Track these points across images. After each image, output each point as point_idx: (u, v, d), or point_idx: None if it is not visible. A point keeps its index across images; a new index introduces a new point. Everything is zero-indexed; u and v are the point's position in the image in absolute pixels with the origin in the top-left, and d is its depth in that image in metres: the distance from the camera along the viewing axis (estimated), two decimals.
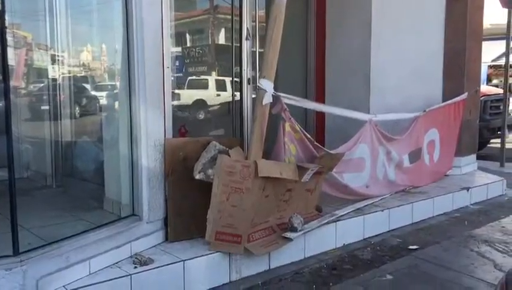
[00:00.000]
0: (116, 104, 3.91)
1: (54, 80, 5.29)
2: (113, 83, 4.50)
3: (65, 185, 4.83)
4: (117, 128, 3.68)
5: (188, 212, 3.57)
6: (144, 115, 3.40)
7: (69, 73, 5.54)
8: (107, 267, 3.06)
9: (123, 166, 3.58)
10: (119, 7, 3.50)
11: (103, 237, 3.12)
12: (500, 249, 4.04)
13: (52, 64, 5.30)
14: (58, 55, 5.35)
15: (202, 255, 3.33)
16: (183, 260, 3.23)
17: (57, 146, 5.09)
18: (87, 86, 6.14)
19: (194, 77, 7.74)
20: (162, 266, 3.14)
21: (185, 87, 7.20)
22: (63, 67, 5.39)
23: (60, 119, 5.11)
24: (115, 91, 4.05)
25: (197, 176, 3.48)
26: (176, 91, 6.27)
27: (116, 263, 3.12)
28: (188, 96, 7.05)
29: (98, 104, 5.75)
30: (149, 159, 3.44)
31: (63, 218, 3.62)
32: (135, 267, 3.09)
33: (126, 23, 3.42)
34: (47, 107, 5.15)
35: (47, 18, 4.94)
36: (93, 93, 5.96)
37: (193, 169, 3.52)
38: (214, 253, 3.38)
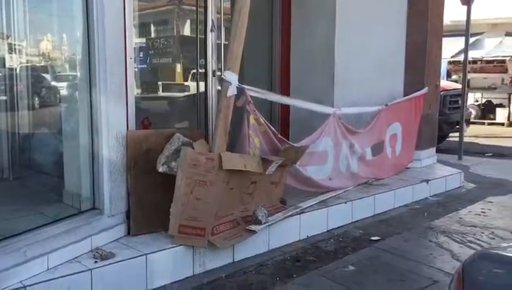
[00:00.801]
0: (77, 94, 3.80)
1: (11, 69, 5.10)
2: (74, 73, 4.36)
3: (23, 178, 4.67)
4: (77, 119, 3.57)
5: (150, 205, 3.51)
6: (105, 106, 3.32)
7: (28, 62, 5.34)
8: (66, 262, 2.97)
9: (83, 158, 3.48)
10: None
11: (62, 231, 3.04)
12: (458, 239, 4.18)
13: (10, 53, 5.10)
14: (16, 44, 5.15)
15: (165, 249, 3.29)
16: (146, 254, 3.18)
17: (14, 138, 4.91)
18: (47, 76, 5.94)
19: (158, 68, 7.61)
20: (123, 260, 3.09)
21: (149, 78, 7.08)
22: (21, 56, 5.20)
23: (18, 110, 4.93)
24: (75, 81, 3.93)
25: (160, 169, 3.44)
26: (140, 82, 6.15)
27: (76, 257, 3.05)
28: (152, 87, 6.93)
29: (58, 95, 5.58)
30: (111, 151, 3.36)
31: (20, 212, 3.49)
32: (95, 261, 3.02)
33: (86, 11, 3.32)
34: (4, 98, 4.96)
35: (3, 5, 4.75)
36: (53, 83, 5.78)
37: (156, 162, 3.47)
38: (177, 246, 3.35)
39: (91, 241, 3.19)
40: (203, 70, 4.87)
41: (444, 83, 9.89)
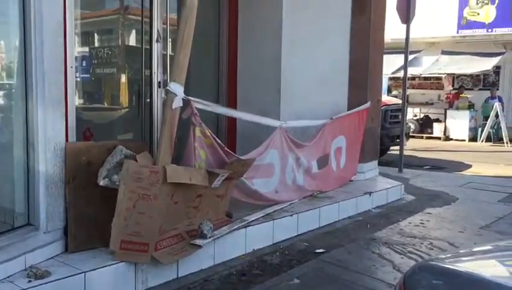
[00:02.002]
0: (12, 104, 3.60)
1: None
2: (10, 82, 4.16)
3: None
4: (12, 130, 3.38)
5: (91, 220, 3.37)
6: (42, 117, 3.17)
7: None
8: None
9: (18, 172, 3.30)
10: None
11: None
12: (398, 250, 4.29)
13: None
14: None
15: (105, 266, 3.16)
16: (84, 272, 3.04)
17: None
18: None
19: (102, 79, 7.41)
20: (60, 279, 2.93)
21: (92, 88, 6.87)
22: None
23: None
24: (11, 91, 3.74)
25: (101, 182, 3.31)
26: (82, 92, 5.95)
27: (8, 277, 2.87)
28: (95, 98, 6.72)
29: None
30: (48, 164, 3.20)
31: None
32: (29, 281, 2.86)
33: (23, 18, 3.17)
34: None
35: None
36: None
37: (97, 175, 3.34)
38: (118, 263, 3.23)
39: (25, 259, 3.02)
40: (149, 81, 4.78)
41: (385, 98, 10.27)
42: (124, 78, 7.28)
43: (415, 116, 16.28)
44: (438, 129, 15.39)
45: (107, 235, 3.24)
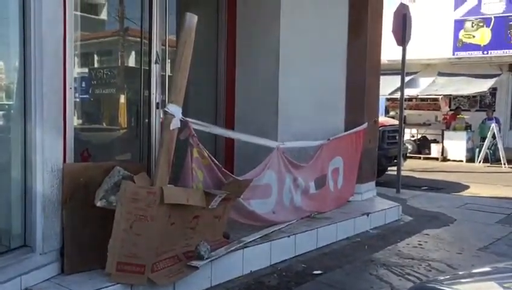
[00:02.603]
0: (10, 125, 3.62)
1: None
2: (9, 103, 4.18)
3: None
4: (9, 150, 3.39)
5: (87, 242, 3.35)
6: (40, 138, 3.17)
7: None
8: None
9: (15, 192, 3.28)
10: (16, 22, 3.28)
11: None
12: (397, 272, 4.27)
13: None
14: None
15: (101, 288, 3.14)
16: None
17: None
18: None
19: (101, 99, 7.45)
20: None
21: (91, 109, 6.90)
22: None
23: None
24: (10, 111, 3.76)
25: (99, 203, 3.31)
26: (81, 113, 5.97)
27: None
28: (94, 118, 6.75)
29: None
30: (45, 185, 3.20)
31: None
32: None
33: (23, 39, 3.20)
34: None
35: None
36: None
37: (94, 196, 3.33)
38: (114, 285, 3.20)
39: (21, 281, 3.00)
40: (147, 102, 4.81)
41: (382, 119, 10.32)
42: (122, 99, 7.33)
43: (413, 136, 16.35)
44: (435, 150, 15.44)
45: (104, 257, 3.22)
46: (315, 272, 4.21)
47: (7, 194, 3.34)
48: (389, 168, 9.77)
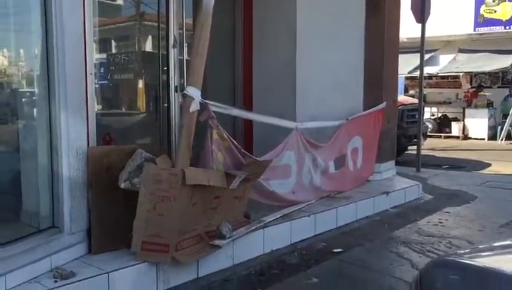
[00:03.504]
0: (35, 111, 3.72)
1: None
2: (32, 90, 4.28)
3: None
4: (36, 137, 3.50)
5: (113, 222, 3.45)
6: (65, 123, 3.27)
7: None
8: (25, 282, 2.90)
9: (42, 176, 3.41)
10: (37, 10, 3.35)
11: (20, 250, 2.96)
12: (417, 249, 4.29)
13: None
14: None
15: (128, 266, 3.25)
16: (108, 272, 3.13)
17: None
18: (3, 93, 5.77)
19: (120, 84, 7.54)
20: (84, 279, 3.02)
21: (111, 94, 7.00)
22: None
23: None
24: (34, 98, 3.86)
25: (122, 185, 3.40)
26: (101, 98, 6.07)
27: (35, 277, 2.97)
28: (114, 103, 6.85)
29: (15, 112, 5.42)
30: (71, 168, 3.30)
31: None
32: (55, 281, 2.95)
33: (45, 27, 3.28)
34: None
35: None
36: (9, 100, 5.61)
37: (118, 178, 3.42)
38: (140, 263, 3.31)
39: (51, 261, 3.11)
40: (166, 86, 4.86)
41: (402, 98, 10.23)
42: (141, 84, 7.41)
43: (433, 115, 16.13)
44: (456, 128, 15.24)
45: (129, 237, 3.32)
46: (335, 250, 4.26)
47: (35, 178, 3.46)
48: (409, 148, 9.71)
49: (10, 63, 5.63)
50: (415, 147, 8.44)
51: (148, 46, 7.26)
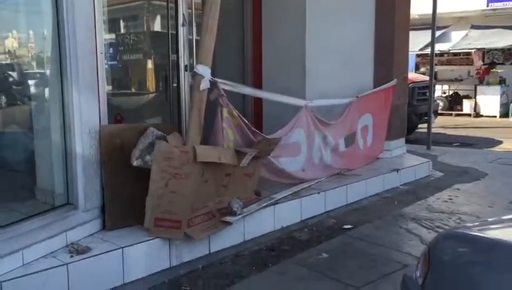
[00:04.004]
0: (47, 91, 3.77)
1: None
2: (43, 71, 4.32)
3: None
4: (48, 116, 3.56)
5: (126, 199, 3.52)
6: (78, 102, 3.31)
7: None
8: (41, 257, 2.98)
9: (56, 155, 3.47)
10: None
11: (36, 226, 3.03)
12: (426, 225, 4.32)
13: None
14: None
15: (141, 242, 3.32)
16: (122, 247, 3.20)
17: None
18: (14, 74, 5.83)
19: (129, 65, 7.56)
20: (99, 254, 3.10)
21: (120, 74, 7.03)
22: None
23: None
24: (45, 78, 3.90)
25: (135, 163, 3.45)
26: (111, 78, 6.10)
27: (52, 252, 3.05)
28: (124, 84, 6.89)
29: (27, 93, 5.49)
30: (84, 146, 3.36)
31: None
32: (71, 256, 3.03)
33: (56, 7, 3.30)
34: None
35: None
36: (20, 81, 5.68)
37: (130, 156, 3.47)
38: (153, 239, 3.38)
39: (66, 236, 3.19)
40: (175, 66, 4.88)
41: (412, 76, 10.13)
42: (150, 64, 7.43)
43: (444, 93, 15.96)
44: (467, 106, 15.07)
45: (142, 213, 3.39)
46: (345, 226, 4.30)
47: (49, 156, 3.53)
48: (419, 126, 9.66)
49: (20, 45, 5.68)
50: (425, 125, 8.39)
51: (157, 26, 7.24)
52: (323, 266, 3.49)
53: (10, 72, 5.76)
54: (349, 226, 4.30)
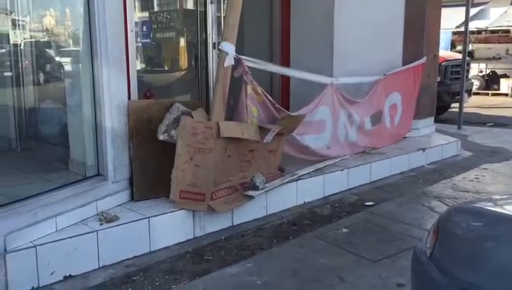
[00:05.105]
0: (80, 68, 3.93)
1: (16, 45, 5.21)
2: (77, 48, 4.49)
3: (30, 149, 4.86)
4: (80, 91, 3.72)
5: (152, 172, 3.68)
6: (107, 78, 3.45)
7: (31, 38, 5.45)
8: (73, 224, 3.16)
9: (87, 128, 3.64)
10: None
11: (69, 195, 3.22)
12: (449, 203, 4.32)
13: (13, 29, 5.20)
14: (19, 20, 5.24)
15: (167, 213, 3.47)
16: (148, 217, 3.36)
17: (21, 112, 5.08)
18: (51, 52, 6.05)
19: (161, 42, 7.70)
20: (127, 223, 3.27)
21: (153, 52, 7.17)
22: (25, 32, 5.30)
23: (24, 86, 5.08)
24: (78, 56, 4.06)
25: (161, 137, 3.58)
26: (143, 56, 6.25)
27: (83, 220, 3.24)
28: (156, 61, 7.03)
29: (61, 69, 5.70)
30: (113, 120, 3.51)
31: (29, 179, 3.68)
32: (101, 224, 3.21)
33: None
34: (10, 74, 5.09)
35: None
36: (56, 58, 5.90)
37: (157, 130, 3.61)
38: (178, 210, 3.53)
39: (96, 206, 3.38)
40: (204, 43, 4.97)
41: (446, 54, 9.90)
42: (180, 41, 7.54)
43: (481, 72, 15.49)
44: (505, 85, 14.59)
45: (168, 185, 3.53)
46: (367, 203, 4.35)
47: (81, 130, 3.71)
48: (452, 105, 9.47)
49: (57, 23, 5.88)
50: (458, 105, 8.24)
51: (190, 4, 7.32)
52: (342, 240, 3.57)
53: (47, 50, 5.99)
54: (370, 203, 4.34)
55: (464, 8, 10.77)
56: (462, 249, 1.82)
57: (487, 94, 14.46)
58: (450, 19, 13.12)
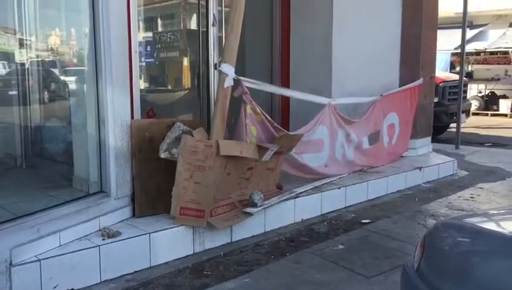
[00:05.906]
0: (85, 87, 4.06)
1: (22, 64, 5.35)
2: (82, 68, 4.63)
3: (35, 166, 4.97)
4: (85, 110, 3.85)
5: (154, 189, 3.78)
6: (111, 97, 3.58)
7: (37, 57, 5.59)
8: (76, 239, 3.25)
9: (91, 146, 3.76)
10: None
11: (72, 211, 3.32)
12: None
13: (20, 48, 5.35)
14: (26, 39, 5.39)
15: (167, 229, 3.56)
16: (149, 233, 3.45)
17: (27, 129, 5.20)
18: (56, 71, 6.20)
19: (165, 62, 7.86)
20: (129, 238, 3.36)
21: (156, 72, 7.33)
22: (31, 51, 5.45)
23: (29, 104, 5.21)
24: (83, 75, 4.20)
25: (162, 155, 3.69)
26: (146, 75, 6.41)
27: (85, 235, 3.32)
28: (159, 81, 7.18)
29: (66, 88, 5.84)
30: (116, 139, 3.63)
31: (34, 195, 3.78)
32: (103, 239, 3.30)
33: (92, 6, 3.57)
34: (16, 92, 5.23)
35: (14, 1, 5.00)
36: (61, 77, 6.04)
37: (159, 148, 3.73)
38: (178, 227, 3.62)
39: (99, 221, 3.47)
40: (206, 64, 5.11)
41: (444, 75, 10.06)
42: (183, 61, 7.70)
43: (480, 92, 15.66)
44: (504, 106, 14.74)
45: (168, 202, 3.63)
46: (363, 221, 4.43)
47: (85, 148, 3.83)
48: (451, 125, 9.57)
49: (62, 42, 6.03)
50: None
51: (192, 25, 7.51)
52: (338, 257, 3.64)
53: (52, 69, 6.15)
54: (367, 221, 4.43)
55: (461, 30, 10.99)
56: (446, 262, 1.91)
57: (486, 114, 14.61)
58: (449, 40, 13.34)
